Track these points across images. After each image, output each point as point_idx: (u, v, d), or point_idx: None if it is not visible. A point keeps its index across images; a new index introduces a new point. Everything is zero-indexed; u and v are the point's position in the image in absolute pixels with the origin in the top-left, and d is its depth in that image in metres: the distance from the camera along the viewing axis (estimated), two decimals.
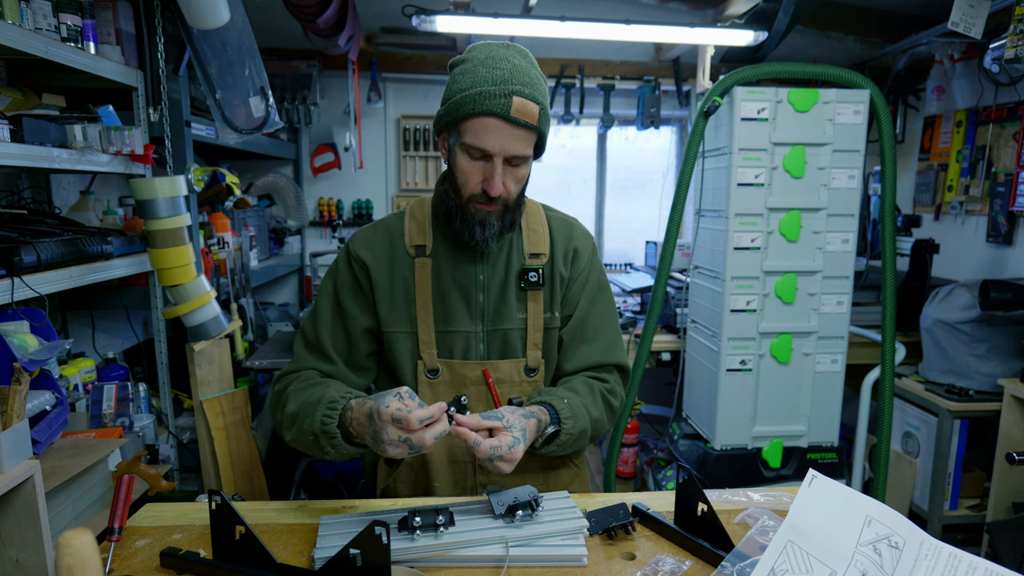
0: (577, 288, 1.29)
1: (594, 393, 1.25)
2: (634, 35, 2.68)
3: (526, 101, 1.08)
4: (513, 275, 1.25)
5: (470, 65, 1.12)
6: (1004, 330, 2.47)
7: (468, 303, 1.24)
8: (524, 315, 1.25)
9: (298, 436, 1.12)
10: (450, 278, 1.23)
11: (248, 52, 1.98)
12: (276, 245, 3.39)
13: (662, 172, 4.01)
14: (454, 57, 1.18)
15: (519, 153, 1.12)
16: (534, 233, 1.28)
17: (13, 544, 0.99)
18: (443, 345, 1.23)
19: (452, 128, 1.14)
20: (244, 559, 0.90)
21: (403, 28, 3.26)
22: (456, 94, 1.11)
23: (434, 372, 1.23)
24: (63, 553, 0.73)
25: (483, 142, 1.10)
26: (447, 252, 1.24)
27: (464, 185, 1.15)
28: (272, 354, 2.55)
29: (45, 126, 1.50)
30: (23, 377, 1.09)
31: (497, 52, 1.12)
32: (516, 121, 1.08)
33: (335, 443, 1.07)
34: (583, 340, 1.30)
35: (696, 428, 2.63)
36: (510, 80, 1.08)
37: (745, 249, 2.29)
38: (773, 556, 0.82)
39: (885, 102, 2.28)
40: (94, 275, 1.64)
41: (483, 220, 1.16)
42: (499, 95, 1.07)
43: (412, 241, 1.24)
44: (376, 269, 1.23)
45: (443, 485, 1.25)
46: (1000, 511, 2.42)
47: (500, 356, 1.25)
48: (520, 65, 1.11)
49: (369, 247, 1.24)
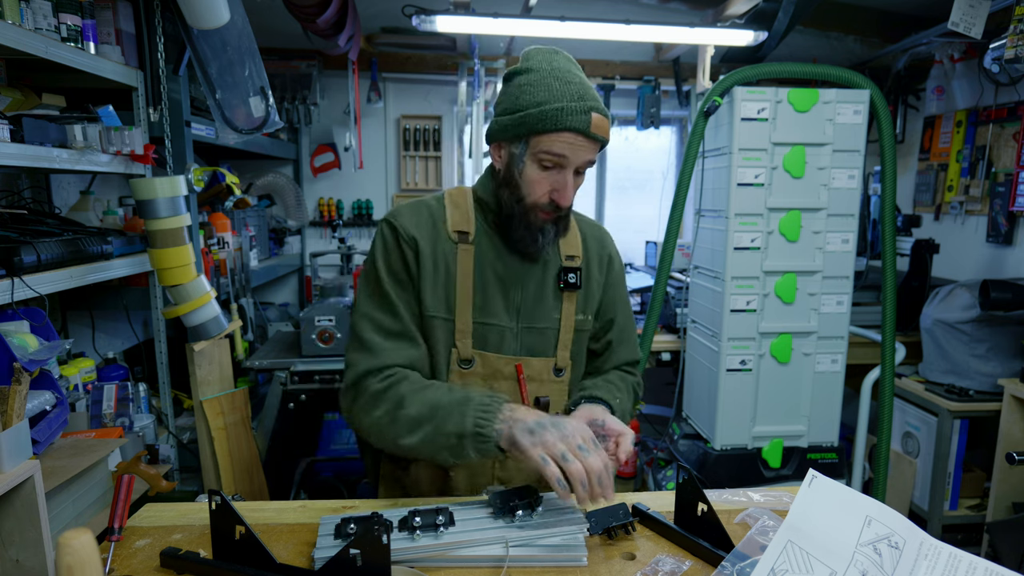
0: (614, 294, 1.36)
1: (629, 389, 1.35)
2: (634, 35, 2.68)
3: (602, 118, 1.14)
4: (551, 275, 1.27)
5: (538, 76, 1.14)
6: (1004, 330, 2.47)
7: (506, 297, 1.24)
8: (559, 315, 1.27)
9: (432, 438, 1.06)
10: (491, 270, 1.23)
11: (248, 52, 1.98)
12: (276, 245, 3.39)
13: (662, 172, 4.01)
14: (512, 67, 1.20)
15: (590, 160, 1.17)
16: (569, 236, 1.31)
17: (13, 544, 0.99)
18: (478, 336, 1.22)
19: (522, 138, 1.15)
20: (244, 559, 0.90)
21: (403, 28, 3.26)
22: (532, 107, 1.12)
23: (468, 362, 1.22)
24: (63, 553, 0.73)
25: (563, 153, 1.13)
26: (490, 244, 1.24)
27: (530, 193, 1.17)
28: (272, 354, 2.55)
29: (45, 126, 1.50)
30: (23, 377, 1.09)
31: (560, 63, 1.16)
32: (595, 137, 1.13)
33: (487, 446, 1.02)
34: (620, 342, 1.39)
35: (696, 428, 2.63)
36: (585, 96, 1.12)
37: (745, 249, 2.29)
38: (773, 556, 0.82)
39: (885, 102, 2.28)
40: (94, 275, 1.64)
41: (543, 228, 1.19)
42: (580, 111, 1.11)
43: (455, 226, 1.22)
44: (425, 248, 1.19)
45: (459, 478, 1.24)
46: (1000, 511, 2.42)
47: (531, 353, 1.26)
48: (585, 80, 1.16)
49: (416, 225, 1.20)
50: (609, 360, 1.38)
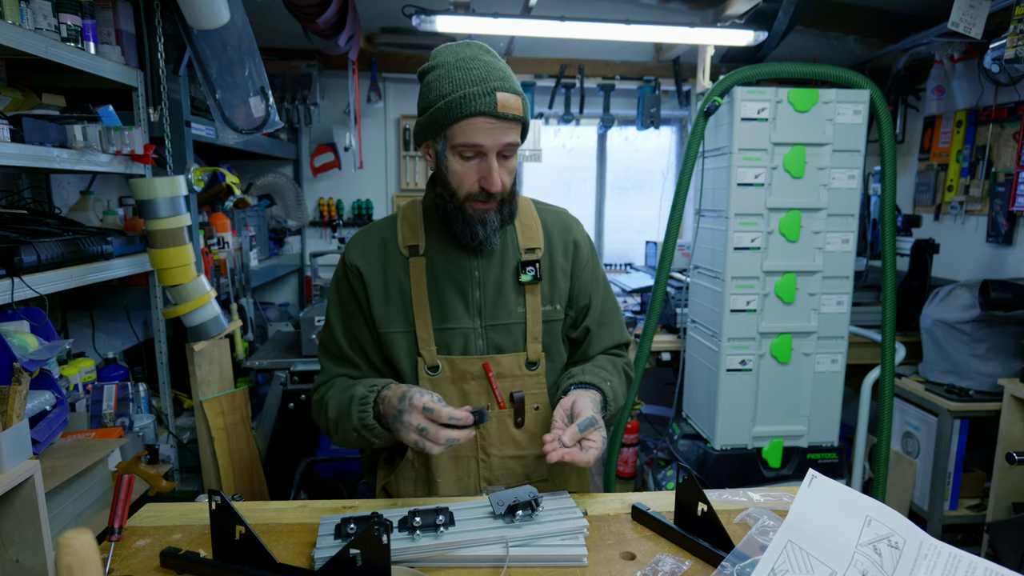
0: (586, 279, 1.34)
1: (619, 372, 1.34)
2: (634, 35, 2.68)
3: (508, 94, 1.12)
4: (509, 270, 1.27)
5: (443, 70, 1.15)
6: (1004, 330, 2.47)
7: (465, 300, 1.25)
8: (523, 309, 1.27)
9: (345, 437, 1.20)
10: (446, 275, 1.25)
11: (248, 52, 1.98)
12: (276, 245, 3.39)
13: (662, 172, 4.01)
14: (422, 66, 1.21)
15: (510, 141, 1.15)
16: (528, 228, 1.30)
17: (13, 544, 0.99)
18: (441, 342, 1.24)
19: (438, 134, 1.16)
20: (244, 559, 0.90)
21: (403, 28, 3.26)
22: (437, 100, 1.13)
23: (434, 369, 1.24)
24: (63, 553, 0.73)
25: (476, 139, 1.12)
26: (441, 250, 1.26)
27: (460, 186, 1.17)
28: (272, 354, 2.55)
29: (45, 126, 1.50)
30: (23, 377, 1.09)
31: (464, 52, 1.16)
32: (504, 116, 1.12)
33: (376, 433, 1.14)
34: (601, 324, 1.37)
35: (696, 428, 2.63)
36: (488, 78, 1.12)
37: (745, 249, 2.29)
38: (773, 556, 0.82)
39: (885, 102, 2.28)
40: (94, 275, 1.64)
41: (482, 219, 1.19)
42: (483, 94, 1.10)
43: (405, 242, 1.26)
44: (370, 274, 1.25)
45: (446, 481, 1.25)
46: (1000, 511, 2.42)
47: (499, 351, 1.26)
48: (490, 61, 1.15)
49: (362, 252, 1.28)
50: (593, 346, 1.37)
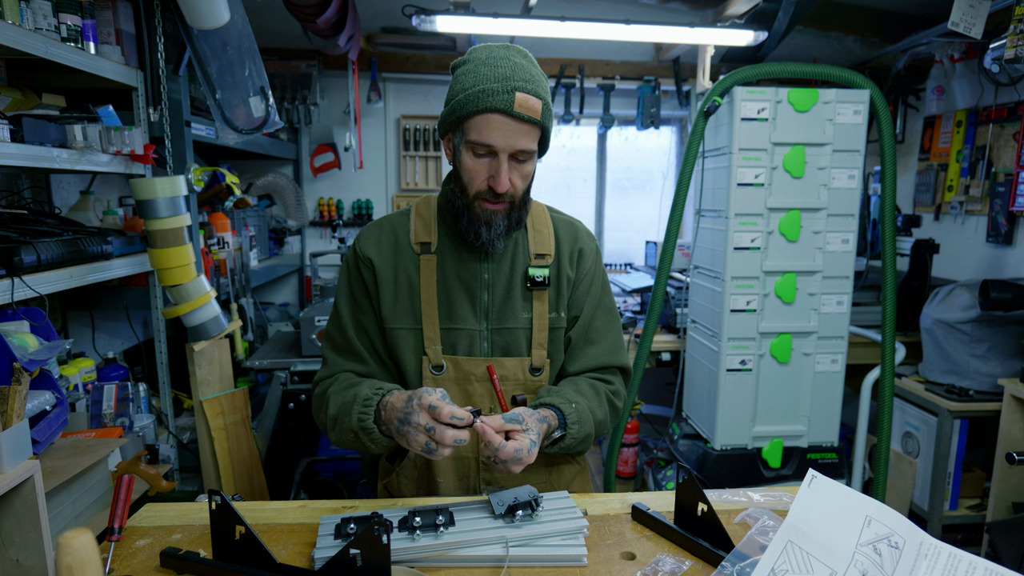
0: (583, 290, 1.30)
1: (600, 396, 1.27)
2: (634, 35, 2.68)
3: (528, 96, 1.10)
4: (519, 275, 1.26)
5: (471, 65, 1.14)
6: (1004, 330, 2.47)
7: (473, 301, 1.24)
8: (529, 315, 1.26)
9: (341, 436, 1.17)
10: (455, 276, 1.24)
11: (248, 52, 1.98)
12: (276, 245, 3.39)
13: (662, 172, 4.01)
14: (456, 59, 1.20)
15: (524, 147, 1.13)
16: (540, 234, 1.29)
17: (13, 544, 0.99)
18: (447, 342, 1.24)
19: (456, 127, 1.16)
20: (244, 559, 0.90)
21: (403, 28, 3.26)
22: (459, 93, 1.13)
23: (439, 368, 1.24)
24: (63, 553, 0.73)
25: (488, 138, 1.11)
26: (452, 250, 1.25)
27: (470, 183, 1.16)
28: (272, 354, 2.55)
29: (45, 126, 1.50)
30: (23, 377, 1.09)
31: (497, 52, 1.15)
32: (520, 116, 1.10)
33: (373, 437, 1.11)
34: (589, 342, 1.32)
35: (696, 428, 2.63)
36: (512, 77, 1.10)
37: (745, 249, 2.29)
38: (773, 556, 0.82)
39: (885, 102, 2.28)
40: (94, 275, 1.64)
41: (488, 220, 1.17)
42: (502, 91, 1.09)
43: (417, 238, 1.25)
44: (381, 267, 1.24)
45: (447, 481, 1.25)
46: (1000, 511, 2.42)
47: (504, 354, 1.26)
48: (521, 63, 1.14)
49: (375, 245, 1.26)
50: (574, 361, 1.31)
